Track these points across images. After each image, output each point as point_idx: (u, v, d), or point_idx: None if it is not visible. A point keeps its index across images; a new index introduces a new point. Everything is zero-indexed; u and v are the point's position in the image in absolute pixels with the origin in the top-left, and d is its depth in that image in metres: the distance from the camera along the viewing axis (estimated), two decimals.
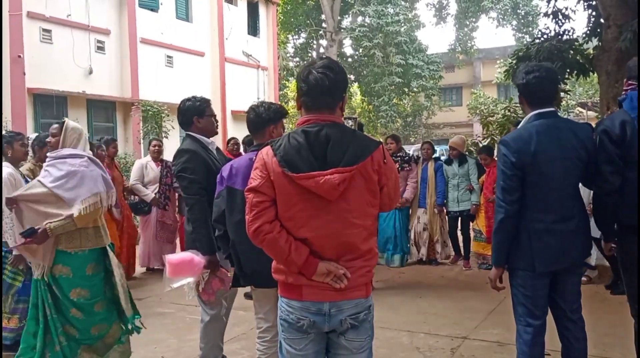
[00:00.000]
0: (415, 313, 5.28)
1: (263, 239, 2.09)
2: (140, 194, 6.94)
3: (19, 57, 12.12)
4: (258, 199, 2.10)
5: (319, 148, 2.08)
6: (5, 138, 4.38)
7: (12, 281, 4.22)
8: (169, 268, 3.28)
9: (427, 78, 26.45)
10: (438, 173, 7.35)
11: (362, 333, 2.19)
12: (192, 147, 3.47)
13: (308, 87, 2.13)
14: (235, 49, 19.18)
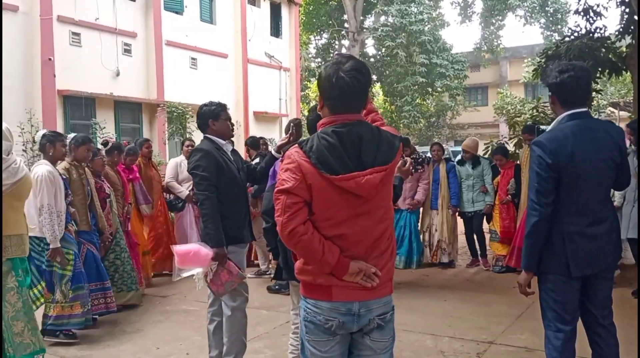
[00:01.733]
0: (439, 317, 5.21)
1: (298, 241, 2.06)
2: (175, 191, 7.13)
3: (49, 59, 12.38)
4: (292, 200, 2.05)
5: (351, 147, 2.06)
6: (47, 137, 4.54)
7: (63, 272, 4.41)
8: (177, 258, 3.48)
9: (452, 78, 26.12)
10: (450, 174, 7.26)
11: (386, 334, 2.19)
12: (206, 147, 3.67)
13: (339, 91, 2.10)
14: (257, 51, 19.28)
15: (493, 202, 7.11)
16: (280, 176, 2.11)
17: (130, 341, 4.58)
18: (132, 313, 5.37)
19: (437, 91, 26.82)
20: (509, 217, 6.94)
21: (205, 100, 3.95)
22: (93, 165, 5.22)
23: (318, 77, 2.18)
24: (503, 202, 6.93)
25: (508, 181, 6.94)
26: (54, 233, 4.26)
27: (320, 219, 2.09)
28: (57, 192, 4.34)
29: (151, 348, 4.41)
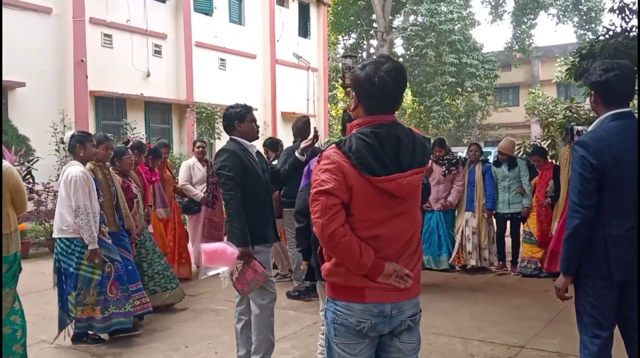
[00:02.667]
0: (469, 320, 5.13)
1: (339, 243, 2.02)
2: (190, 194, 7.05)
3: (81, 61, 12.63)
4: (332, 202, 2.03)
5: (390, 148, 2.06)
6: (77, 138, 4.52)
7: (91, 275, 4.36)
8: (204, 257, 3.51)
9: (482, 77, 25.76)
10: (486, 176, 7.10)
11: (414, 335, 2.19)
12: (231, 147, 3.71)
13: (379, 91, 2.09)
14: (286, 51, 19.34)
15: (530, 204, 6.94)
16: (318, 177, 2.08)
17: (159, 339, 4.62)
18: (161, 312, 5.39)
19: (467, 91, 26.47)
20: (547, 220, 6.72)
21: (233, 101, 4.01)
22: (121, 164, 5.19)
23: (354, 77, 2.14)
24: (543, 205, 6.75)
25: (547, 182, 6.76)
26: (92, 235, 4.25)
27: (358, 221, 2.08)
28: (90, 193, 4.34)
29: (180, 347, 4.44)
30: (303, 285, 5.93)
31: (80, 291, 4.33)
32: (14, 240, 3.54)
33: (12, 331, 3.61)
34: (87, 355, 4.27)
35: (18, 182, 3.57)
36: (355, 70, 2.15)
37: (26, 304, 5.62)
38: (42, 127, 10.60)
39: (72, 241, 4.29)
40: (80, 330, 4.48)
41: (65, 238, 4.31)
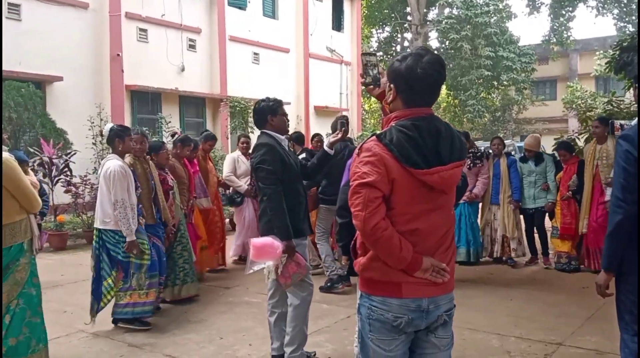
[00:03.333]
0: (505, 316, 5.03)
1: (380, 236, 1.99)
2: (234, 185, 7.17)
3: (117, 55, 12.85)
4: (374, 194, 1.99)
5: (430, 141, 2.04)
6: (115, 132, 4.59)
7: (142, 261, 4.53)
8: (253, 251, 3.49)
9: (519, 71, 25.35)
10: (512, 169, 7.11)
11: (449, 330, 2.18)
12: (269, 141, 3.69)
13: (420, 84, 2.07)
14: (319, 45, 19.30)
15: (555, 199, 6.91)
16: (359, 170, 2.04)
17: (194, 330, 4.66)
18: (196, 303, 5.47)
19: (503, 84, 26.08)
20: (569, 213, 6.74)
21: (267, 95, 4.00)
22: (158, 159, 5.29)
23: (393, 69, 2.12)
24: (563, 198, 6.74)
25: (570, 177, 6.73)
26: (129, 227, 4.37)
27: (397, 214, 2.05)
28: (129, 186, 4.44)
29: (215, 338, 4.47)
30: (334, 273, 5.97)
31: (133, 278, 4.53)
32: (12, 231, 3.51)
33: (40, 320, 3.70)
34: (123, 345, 4.33)
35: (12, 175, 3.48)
36: (394, 62, 2.13)
37: (64, 294, 5.87)
38: (79, 121, 10.78)
39: (117, 233, 4.44)
40: (130, 315, 4.57)
41: (110, 229, 4.45)
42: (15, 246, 3.54)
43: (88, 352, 4.20)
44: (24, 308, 3.59)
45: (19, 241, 3.55)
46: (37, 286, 3.71)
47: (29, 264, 3.65)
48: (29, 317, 3.62)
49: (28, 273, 3.63)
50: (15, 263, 3.55)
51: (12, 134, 9.49)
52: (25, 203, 3.57)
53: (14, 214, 3.53)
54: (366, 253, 2.11)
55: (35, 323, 3.67)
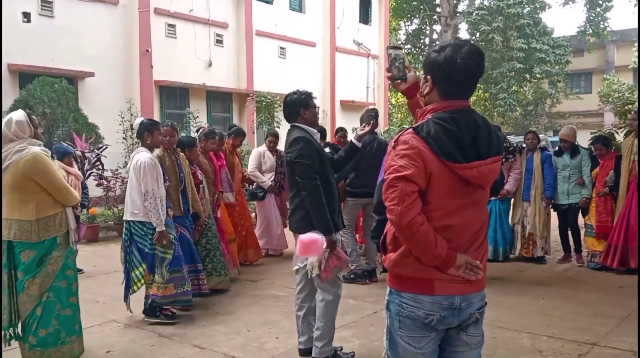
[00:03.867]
0: (536, 315, 4.92)
1: (416, 231, 1.94)
2: (258, 180, 7.16)
3: (147, 51, 13.00)
4: (411, 188, 1.94)
5: (468, 135, 1.99)
6: (145, 125, 4.62)
7: (164, 255, 4.55)
8: (300, 247, 3.47)
9: (552, 63, 24.75)
10: (546, 164, 6.87)
11: (480, 328, 2.15)
12: (305, 135, 3.65)
13: (459, 75, 2.02)
14: (346, 38, 19.19)
15: (590, 195, 6.68)
16: (395, 163, 1.99)
17: (222, 322, 4.70)
18: (224, 296, 5.51)
19: (535, 77, 25.51)
20: (605, 211, 6.52)
21: (293, 89, 3.95)
22: (190, 154, 5.34)
23: (430, 60, 2.07)
24: (600, 194, 6.51)
25: (607, 173, 6.49)
26: (159, 217, 4.41)
27: (433, 209, 2.00)
28: (158, 178, 4.49)
29: (242, 330, 4.50)
30: (360, 268, 5.94)
31: (156, 270, 4.55)
32: (45, 225, 3.56)
33: (72, 312, 3.78)
34: (154, 335, 4.39)
35: (42, 169, 3.53)
36: (430, 53, 2.09)
37: (96, 285, 5.98)
38: (110, 116, 10.95)
39: (145, 224, 4.49)
40: (147, 306, 4.66)
41: (138, 221, 4.50)
42: (49, 240, 3.61)
43: (119, 342, 4.27)
44: (54, 301, 3.67)
45: (52, 235, 3.61)
46: (70, 279, 3.77)
47: (63, 257, 3.71)
48: (59, 309, 3.69)
49: (60, 266, 3.69)
50: (48, 256, 3.63)
51: (46, 129, 9.69)
52: (58, 197, 3.63)
53: (47, 209, 3.59)
54: (397, 248, 2.08)
55: (65, 316, 3.73)
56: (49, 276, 3.64)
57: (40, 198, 3.57)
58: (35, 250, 3.59)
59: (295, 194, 3.65)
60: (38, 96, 9.86)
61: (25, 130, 3.59)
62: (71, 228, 3.72)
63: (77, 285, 3.86)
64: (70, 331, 3.76)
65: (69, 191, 3.66)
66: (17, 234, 3.56)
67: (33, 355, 3.63)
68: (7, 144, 3.56)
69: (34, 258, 3.59)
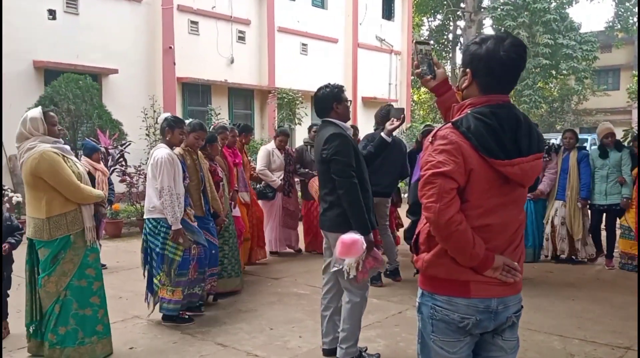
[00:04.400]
0: (567, 317, 4.79)
1: (455, 230, 1.86)
2: (267, 179, 6.98)
3: (169, 48, 13.03)
4: (450, 185, 1.86)
5: (509, 131, 1.92)
6: (167, 122, 4.54)
7: (173, 256, 4.39)
8: (341, 248, 3.35)
9: (579, 59, 24.27)
10: (582, 164, 6.64)
11: (515, 332, 2.07)
12: (342, 132, 3.54)
13: (502, 69, 1.94)
14: (368, 34, 19.02)
15: (631, 195, 6.42)
16: (433, 158, 1.91)
17: (245, 320, 4.65)
18: (246, 293, 5.46)
19: (562, 73, 25.02)
20: None
21: (314, 86, 3.88)
22: (211, 150, 5.23)
23: (470, 52, 1.99)
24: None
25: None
26: (175, 215, 4.29)
27: (471, 208, 1.92)
28: (175, 175, 4.37)
29: (265, 329, 4.45)
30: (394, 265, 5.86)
31: (164, 272, 4.41)
32: (56, 224, 3.52)
33: (93, 312, 3.71)
34: (177, 332, 4.36)
35: (47, 168, 3.49)
36: (470, 45, 2.01)
37: (119, 281, 5.98)
38: (133, 112, 11.03)
39: (159, 222, 4.37)
40: (168, 311, 4.50)
41: (152, 218, 4.40)
42: (61, 239, 3.56)
43: (142, 338, 4.25)
44: (70, 300, 3.63)
45: (63, 234, 3.56)
46: (90, 278, 3.71)
47: (80, 256, 3.65)
48: (76, 308, 3.64)
49: (77, 264, 3.64)
50: (61, 254, 3.59)
51: (70, 126, 9.77)
52: (68, 195, 3.56)
53: (58, 207, 3.55)
54: (430, 248, 2.00)
55: (84, 316, 3.67)
56: (65, 274, 3.60)
57: (51, 196, 3.52)
58: (48, 248, 3.57)
59: (329, 192, 3.54)
60: (63, 93, 9.92)
61: (38, 127, 3.56)
62: (87, 227, 3.64)
63: (99, 284, 3.78)
64: (90, 332, 3.70)
65: (78, 188, 3.58)
66: (32, 232, 3.58)
67: (53, 354, 3.61)
68: (23, 141, 3.57)
69: (47, 256, 3.57)
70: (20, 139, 3.58)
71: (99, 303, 3.76)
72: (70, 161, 3.67)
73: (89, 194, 3.64)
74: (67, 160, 3.63)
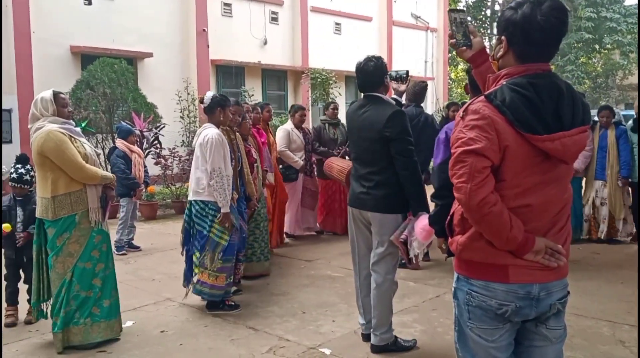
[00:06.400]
0: (616, 301, 4.55)
1: (489, 212, 1.71)
2: (290, 160, 6.77)
3: (203, 30, 13.01)
4: (482, 164, 1.72)
5: (550, 103, 1.75)
6: (219, 101, 4.36)
7: (219, 240, 4.25)
8: (426, 234, 3.16)
9: (624, 33, 23.41)
10: (621, 140, 6.43)
11: (561, 320, 1.92)
12: (402, 110, 3.42)
13: (540, 35, 1.76)
14: (403, 12, 18.60)
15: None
16: (464, 135, 1.76)
17: (277, 303, 4.57)
18: (278, 276, 5.39)
19: (605, 48, 24.17)
20: None
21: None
22: (241, 129, 5.00)
23: (505, 18, 1.82)
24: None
25: None
26: (225, 197, 4.15)
27: (507, 187, 1.77)
28: (225, 156, 4.23)
29: (297, 312, 4.36)
30: None
31: (206, 254, 4.25)
32: (60, 203, 3.54)
33: (93, 294, 3.67)
34: (208, 315, 4.32)
35: (53, 147, 3.50)
36: (505, 11, 1.84)
37: (152, 263, 5.99)
38: (167, 95, 11.12)
39: (207, 204, 4.21)
40: (211, 297, 4.35)
41: (200, 200, 4.23)
42: (65, 218, 3.57)
43: (174, 321, 4.22)
44: (73, 282, 3.63)
45: (67, 214, 3.57)
46: (95, 261, 3.68)
47: (87, 237, 3.65)
48: (77, 290, 3.63)
49: (84, 245, 3.64)
50: (66, 234, 3.59)
51: (106, 109, 9.86)
52: (73, 175, 3.58)
53: (63, 186, 3.57)
54: (465, 231, 1.85)
55: (85, 298, 3.65)
56: (71, 255, 3.61)
57: (56, 175, 3.55)
58: (54, 228, 3.59)
59: (378, 171, 3.38)
60: (99, 77, 10.06)
61: (48, 108, 3.61)
62: (90, 208, 3.61)
63: (103, 266, 3.71)
64: (85, 313, 3.65)
65: (82, 168, 3.57)
66: (40, 211, 3.62)
67: (56, 338, 3.62)
68: (34, 122, 3.64)
69: (53, 235, 3.60)
70: (32, 120, 3.65)
71: (100, 285, 3.70)
72: (78, 142, 3.68)
73: (93, 175, 3.62)
74: (74, 141, 3.63)
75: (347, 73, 15.42)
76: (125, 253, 6.38)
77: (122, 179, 6.13)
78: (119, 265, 4.93)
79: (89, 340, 3.66)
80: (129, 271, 5.63)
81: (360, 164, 3.52)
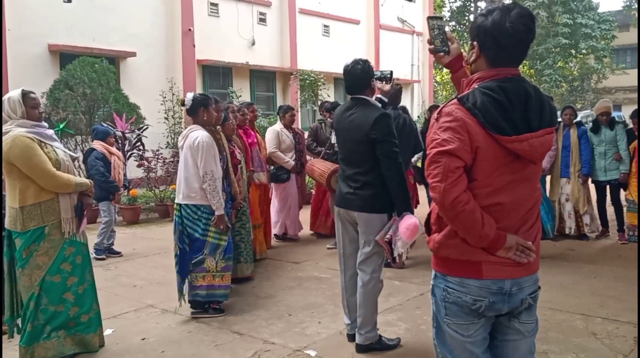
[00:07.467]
0: (589, 295, 4.69)
1: (461, 210, 1.80)
2: (281, 161, 6.72)
3: (189, 30, 12.96)
4: (455, 164, 1.81)
5: (519, 105, 1.84)
6: (201, 101, 4.27)
7: (219, 242, 4.23)
8: (411, 233, 3.24)
9: (598, 38, 24.34)
10: (582, 140, 6.73)
11: (533, 315, 2.01)
12: (388, 112, 3.49)
13: (508, 41, 1.85)
14: (390, 16, 18.78)
15: (629, 170, 6.52)
16: (438, 136, 1.84)
17: (263, 307, 4.56)
18: (265, 278, 5.38)
19: (581, 53, 25.06)
20: None
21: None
22: (224, 130, 4.92)
23: (476, 24, 1.91)
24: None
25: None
26: (219, 200, 4.11)
27: (479, 187, 1.86)
28: (215, 158, 4.19)
29: (284, 315, 4.35)
30: None
31: (205, 258, 4.22)
32: (29, 214, 3.29)
33: (65, 309, 3.47)
34: (191, 321, 4.24)
35: (19, 153, 3.25)
36: (477, 17, 1.94)
37: (134, 268, 5.89)
38: (151, 96, 10.95)
39: (199, 208, 4.16)
40: (202, 298, 4.29)
41: (192, 204, 4.16)
42: (34, 230, 3.30)
43: (155, 328, 4.12)
44: (41, 295, 3.36)
45: (36, 225, 3.30)
46: (65, 274, 3.43)
47: (55, 249, 3.38)
48: (46, 304, 3.38)
49: (53, 258, 3.37)
50: (34, 246, 3.32)
51: (86, 110, 9.66)
52: (42, 183, 3.29)
53: (31, 196, 3.29)
54: (441, 229, 1.95)
55: (54, 312, 3.41)
56: (39, 268, 3.34)
57: (24, 184, 3.28)
58: (22, 240, 3.31)
59: (365, 172, 3.45)
60: (78, 76, 9.74)
61: (16, 110, 3.35)
62: (63, 218, 3.37)
63: (77, 280, 3.48)
64: (57, 326, 3.42)
65: (53, 176, 3.30)
66: (8, 221, 3.35)
67: (23, 351, 3.35)
68: (5, 125, 3.33)
69: (20, 247, 3.32)
70: (3, 123, 3.36)
71: (73, 300, 3.47)
72: (49, 147, 3.41)
73: (65, 183, 3.36)
74: (44, 146, 3.37)
75: (336, 75, 15.49)
76: (105, 258, 6.23)
77: (101, 182, 6.02)
78: (98, 271, 4.80)
79: (63, 352, 3.44)
80: (109, 278, 5.49)
81: (347, 165, 3.59)
